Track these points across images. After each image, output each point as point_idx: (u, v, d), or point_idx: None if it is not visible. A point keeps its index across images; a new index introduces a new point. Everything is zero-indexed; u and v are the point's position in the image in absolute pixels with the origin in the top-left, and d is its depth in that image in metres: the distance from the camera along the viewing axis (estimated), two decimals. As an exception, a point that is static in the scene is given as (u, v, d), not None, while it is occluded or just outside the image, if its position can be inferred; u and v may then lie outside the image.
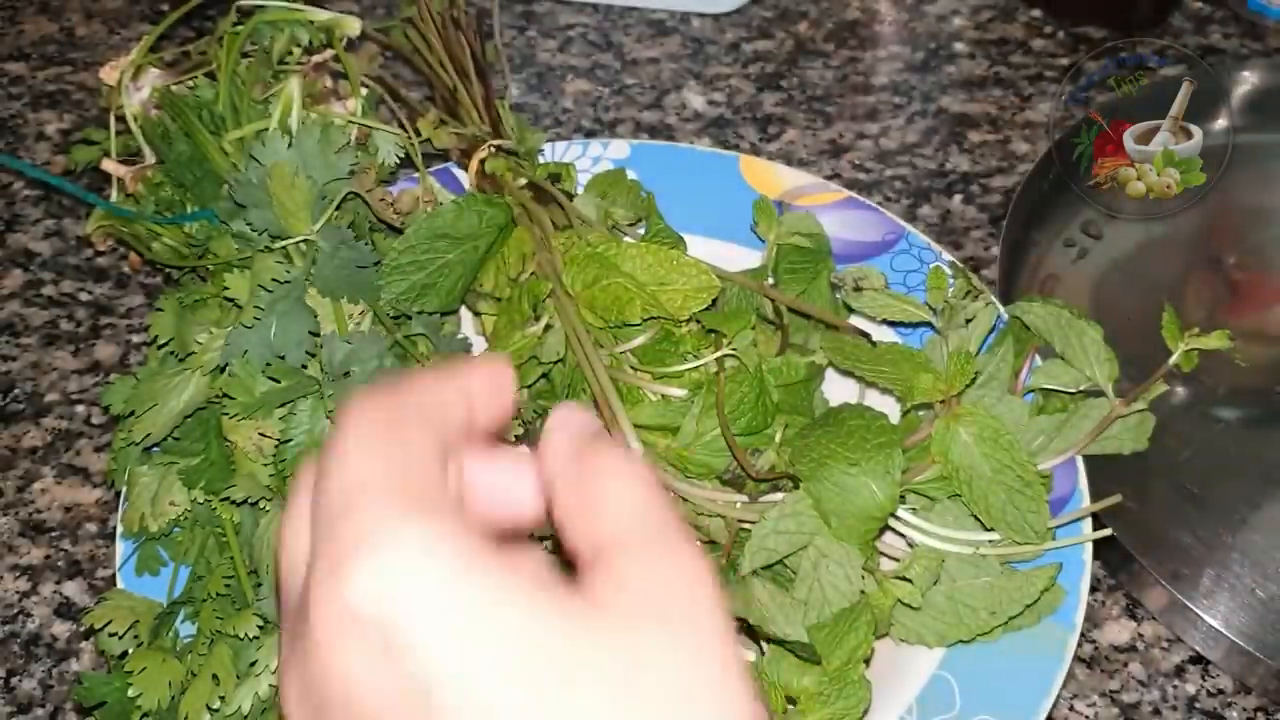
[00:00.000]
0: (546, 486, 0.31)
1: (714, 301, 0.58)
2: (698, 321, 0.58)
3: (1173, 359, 0.56)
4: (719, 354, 0.56)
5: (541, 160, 0.72)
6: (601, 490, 0.30)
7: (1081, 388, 0.58)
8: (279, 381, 0.53)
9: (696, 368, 0.56)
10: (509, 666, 0.25)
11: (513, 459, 0.33)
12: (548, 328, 0.58)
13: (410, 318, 0.58)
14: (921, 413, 0.58)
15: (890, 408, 0.60)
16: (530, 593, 0.26)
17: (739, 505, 0.54)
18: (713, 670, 0.26)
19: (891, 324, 0.64)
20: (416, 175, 0.70)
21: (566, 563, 0.30)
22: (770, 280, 0.64)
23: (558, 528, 0.30)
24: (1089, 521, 0.57)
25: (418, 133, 0.67)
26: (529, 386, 0.59)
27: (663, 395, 0.56)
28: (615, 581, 0.27)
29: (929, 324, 0.62)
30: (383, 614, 0.26)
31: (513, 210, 0.62)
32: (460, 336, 0.60)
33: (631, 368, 0.57)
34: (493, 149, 0.66)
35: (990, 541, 0.54)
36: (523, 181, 0.65)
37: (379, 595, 0.26)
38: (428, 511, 0.27)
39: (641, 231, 0.66)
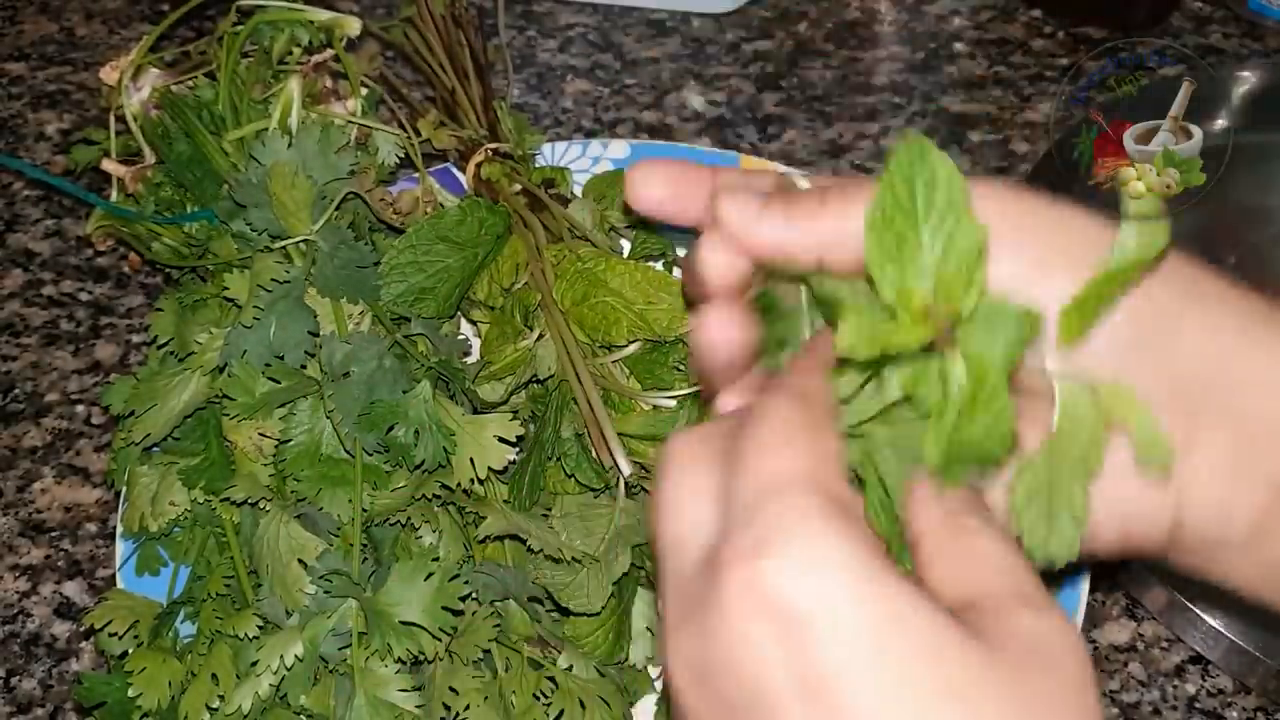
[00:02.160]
0: (916, 537, 0.33)
1: None
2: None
3: None
4: None
5: (541, 161, 0.72)
6: (974, 547, 0.32)
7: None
8: (279, 382, 0.53)
9: (685, 378, 0.56)
10: (912, 675, 0.28)
11: None
12: (540, 338, 0.58)
13: (409, 319, 0.58)
14: None
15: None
16: (933, 614, 0.29)
17: None
18: (1090, 707, 0.29)
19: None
20: (416, 175, 0.71)
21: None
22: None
23: (921, 570, 0.32)
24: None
25: (418, 133, 0.67)
26: (522, 387, 0.59)
27: (653, 405, 0.56)
28: (1004, 629, 0.30)
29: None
30: (799, 602, 0.28)
31: (510, 219, 0.62)
32: (460, 337, 0.60)
33: (622, 377, 0.58)
34: (489, 153, 0.66)
35: None
36: (517, 188, 0.65)
37: (799, 585, 0.28)
38: (847, 516, 0.30)
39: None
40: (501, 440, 0.53)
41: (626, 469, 0.53)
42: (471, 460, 0.52)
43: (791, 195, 0.37)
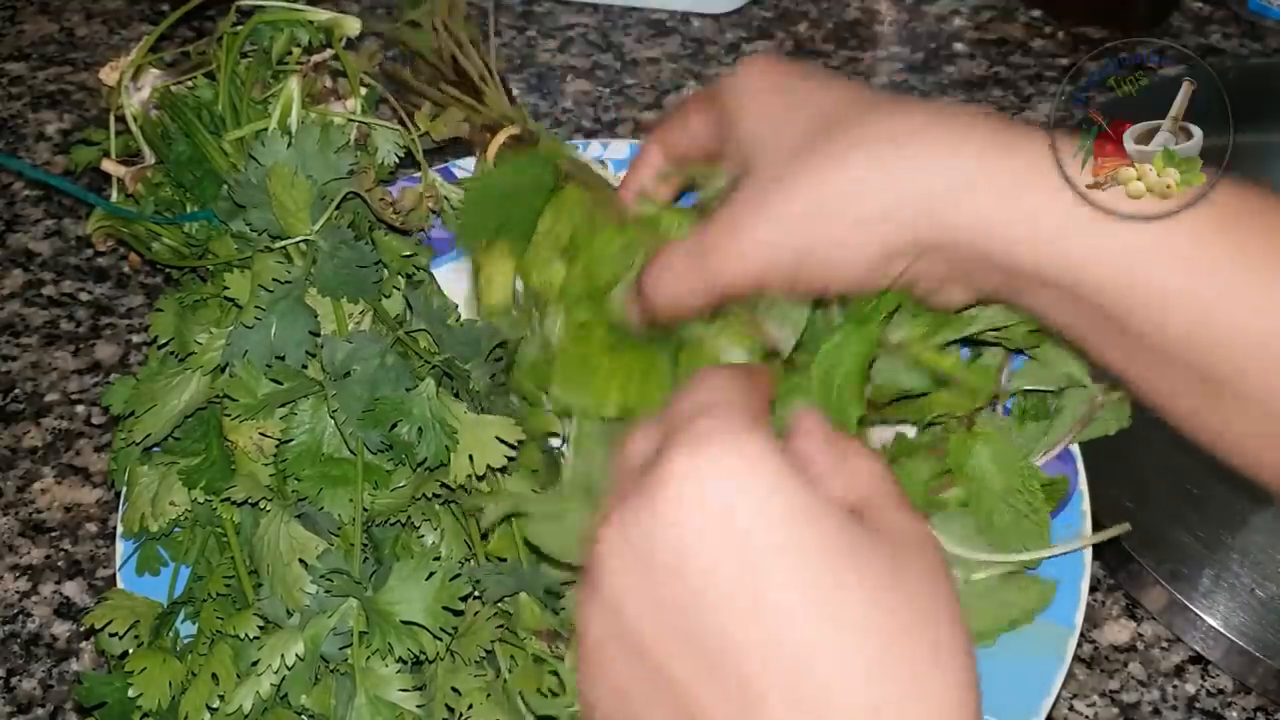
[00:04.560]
0: (803, 457, 0.39)
1: None
2: None
3: None
4: None
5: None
6: (855, 464, 0.39)
7: (1061, 385, 0.59)
8: (281, 383, 0.53)
9: None
10: (822, 559, 0.33)
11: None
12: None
13: (411, 316, 0.58)
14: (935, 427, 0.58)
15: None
16: (836, 511, 0.35)
17: None
18: (947, 584, 0.36)
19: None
20: (416, 175, 0.71)
21: None
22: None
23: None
24: (1089, 523, 0.57)
25: (418, 128, 0.67)
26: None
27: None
28: (884, 525, 0.37)
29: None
30: (727, 490, 0.34)
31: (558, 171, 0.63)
32: (477, 323, 0.61)
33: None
34: (515, 133, 0.65)
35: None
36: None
37: (730, 474, 0.34)
38: (768, 431, 0.35)
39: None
40: (501, 441, 0.53)
41: None
42: (471, 458, 0.52)
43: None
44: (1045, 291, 0.46)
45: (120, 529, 0.57)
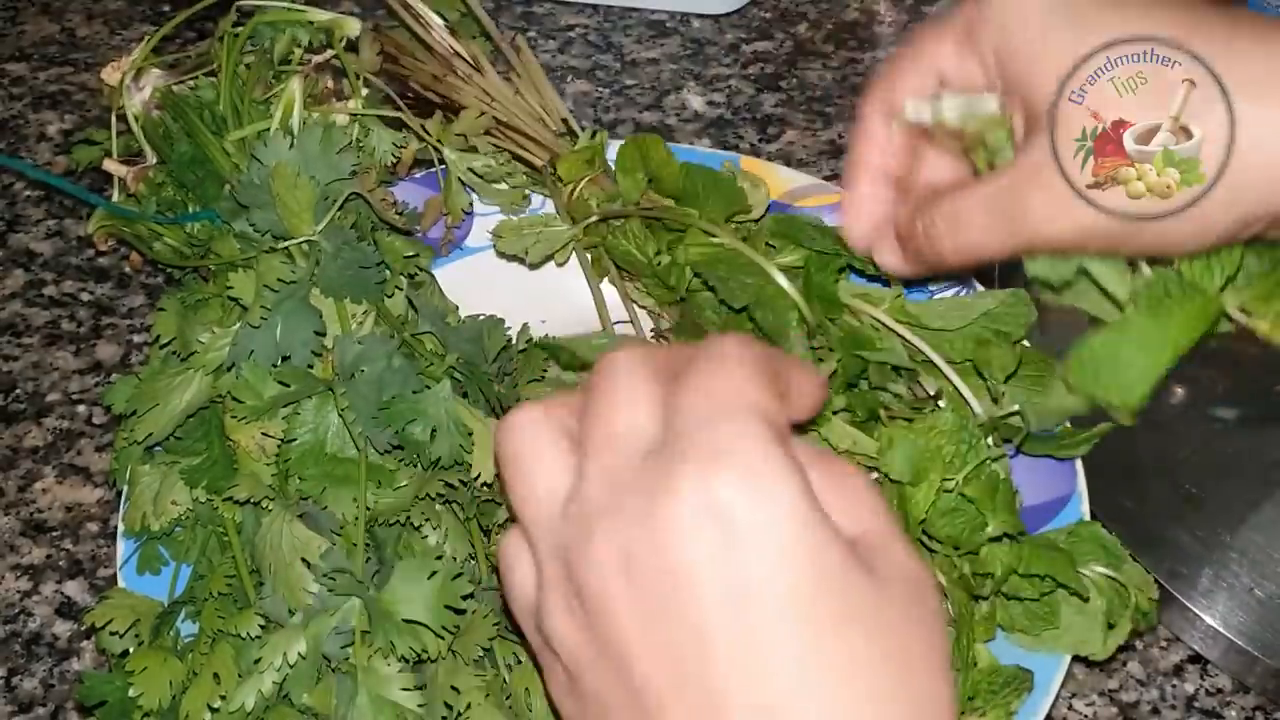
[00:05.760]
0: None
1: None
2: None
3: None
4: None
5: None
6: (853, 487, 0.37)
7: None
8: (287, 384, 0.53)
9: None
10: (822, 601, 0.32)
11: None
12: None
13: (415, 316, 0.58)
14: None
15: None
16: (844, 550, 0.33)
17: None
18: (941, 631, 0.35)
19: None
20: (418, 175, 0.71)
21: None
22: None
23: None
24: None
25: (428, 132, 0.67)
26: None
27: None
28: (886, 562, 0.35)
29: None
30: (743, 515, 0.31)
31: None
32: (483, 317, 0.61)
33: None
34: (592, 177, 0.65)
35: None
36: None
37: (747, 501, 0.31)
38: (788, 446, 0.33)
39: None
40: None
41: None
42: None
43: None
44: None
45: (121, 528, 0.57)
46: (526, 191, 0.69)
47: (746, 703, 0.31)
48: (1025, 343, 0.57)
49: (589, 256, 0.67)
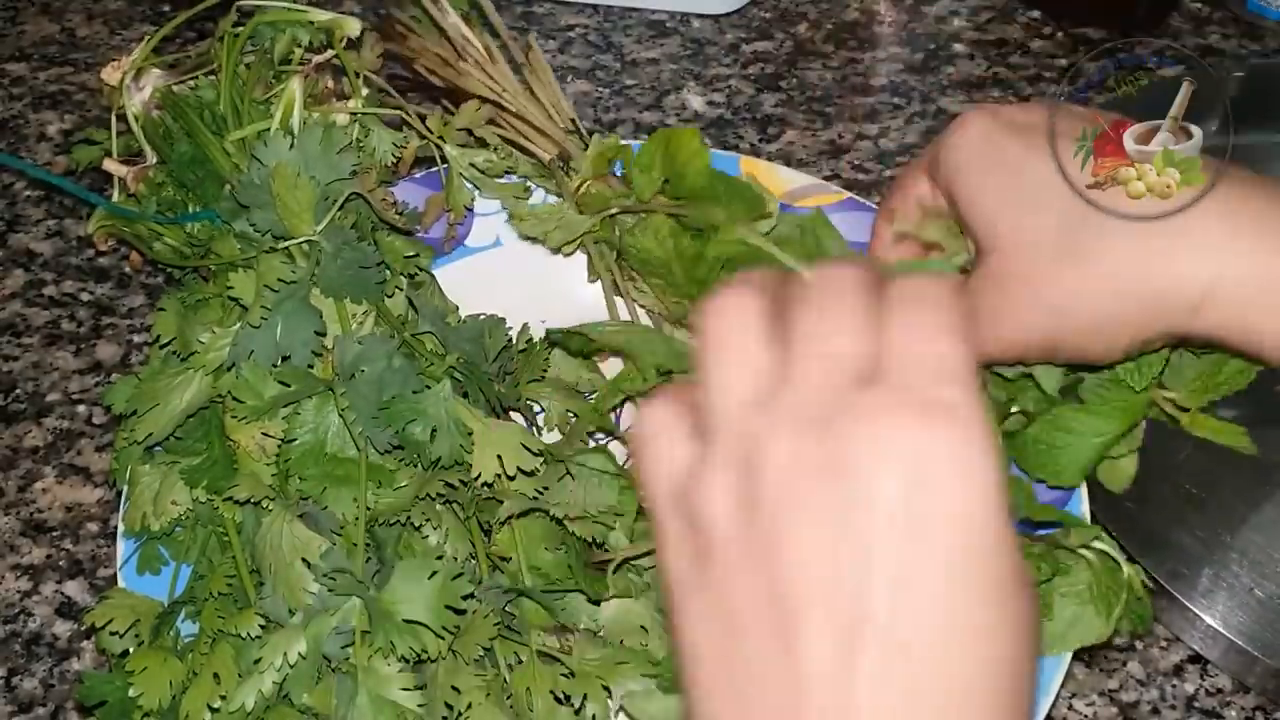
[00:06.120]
0: None
1: None
2: None
3: None
4: None
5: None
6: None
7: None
8: (288, 384, 0.53)
9: None
10: (987, 567, 0.32)
11: None
12: None
13: (415, 316, 0.58)
14: None
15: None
16: (1015, 537, 0.33)
17: None
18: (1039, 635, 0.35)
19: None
20: (418, 174, 0.71)
21: None
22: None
23: None
24: (1087, 521, 0.57)
25: (429, 128, 0.67)
26: None
27: None
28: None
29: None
30: (941, 468, 0.32)
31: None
32: (483, 317, 0.61)
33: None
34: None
35: None
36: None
37: (950, 456, 0.32)
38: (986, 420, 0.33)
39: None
40: (525, 448, 0.53)
41: None
42: (500, 457, 0.52)
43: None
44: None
45: (121, 528, 0.57)
46: (528, 185, 0.69)
47: (888, 633, 0.31)
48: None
49: (598, 250, 0.67)
